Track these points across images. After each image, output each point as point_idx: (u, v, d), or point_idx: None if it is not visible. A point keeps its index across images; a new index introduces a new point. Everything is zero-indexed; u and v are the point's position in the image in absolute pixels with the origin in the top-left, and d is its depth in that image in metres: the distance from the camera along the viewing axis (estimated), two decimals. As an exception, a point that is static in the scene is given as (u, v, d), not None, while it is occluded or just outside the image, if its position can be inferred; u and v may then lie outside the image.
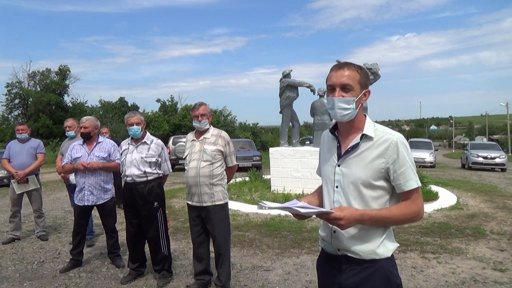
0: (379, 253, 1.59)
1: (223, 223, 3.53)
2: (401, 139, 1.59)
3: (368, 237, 1.60)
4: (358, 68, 1.63)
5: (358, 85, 1.61)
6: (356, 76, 1.60)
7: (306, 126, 40.61)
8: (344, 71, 1.61)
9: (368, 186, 1.59)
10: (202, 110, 3.49)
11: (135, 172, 3.73)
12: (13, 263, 4.51)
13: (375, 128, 1.64)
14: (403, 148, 1.57)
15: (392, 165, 1.56)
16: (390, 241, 1.64)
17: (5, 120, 33.69)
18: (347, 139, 1.67)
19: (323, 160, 1.79)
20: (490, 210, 7.40)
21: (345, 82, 1.59)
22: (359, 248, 1.59)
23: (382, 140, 1.59)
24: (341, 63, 1.65)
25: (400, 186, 1.57)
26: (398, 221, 1.59)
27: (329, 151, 1.74)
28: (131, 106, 42.62)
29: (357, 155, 1.61)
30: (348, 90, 1.60)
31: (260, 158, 15.96)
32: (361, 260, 1.60)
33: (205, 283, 3.67)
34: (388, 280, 1.60)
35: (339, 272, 1.66)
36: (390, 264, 1.63)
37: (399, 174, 1.56)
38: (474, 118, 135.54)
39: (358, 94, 1.60)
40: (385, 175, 1.58)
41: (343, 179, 1.63)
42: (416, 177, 1.59)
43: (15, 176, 5.27)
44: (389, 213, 1.54)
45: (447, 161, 27.93)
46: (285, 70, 9.57)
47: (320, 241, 1.81)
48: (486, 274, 4.03)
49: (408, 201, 1.58)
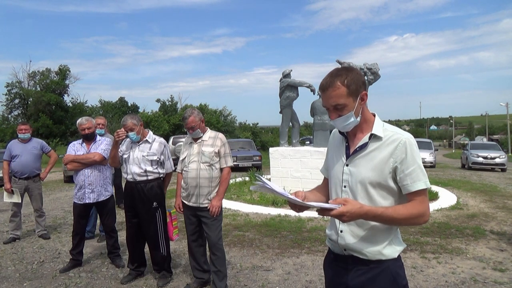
0: (386, 253, 1.59)
1: (218, 223, 3.57)
2: (410, 139, 1.57)
3: (374, 237, 1.59)
4: (344, 79, 1.54)
5: (350, 98, 1.55)
6: (343, 92, 1.54)
7: (306, 126, 40.60)
8: (329, 92, 1.56)
9: (376, 186, 1.57)
10: (190, 123, 3.49)
11: (136, 170, 3.73)
12: (13, 263, 4.51)
13: (384, 127, 1.61)
14: (412, 148, 1.55)
15: (400, 165, 1.54)
16: (397, 242, 1.63)
17: (5, 120, 33.64)
18: (356, 139, 1.66)
19: (331, 159, 1.77)
20: (490, 210, 7.40)
21: (335, 103, 1.56)
22: (366, 248, 1.59)
23: (391, 140, 1.57)
24: (326, 80, 1.58)
25: (406, 186, 1.54)
26: (403, 222, 1.55)
27: (337, 151, 1.73)
28: (131, 106, 42.60)
29: (365, 155, 1.60)
30: (341, 108, 1.56)
31: (260, 158, 15.98)
32: (367, 261, 1.59)
33: (204, 281, 3.68)
34: (394, 281, 1.59)
35: (346, 272, 1.65)
36: (396, 265, 1.62)
37: (406, 174, 1.53)
38: (474, 118, 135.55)
39: (354, 105, 1.57)
40: (393, 175, 1.56)
41: (351, 178, 1.62)
42: (425, 177, 1.55)
43: (41, 176, 5.61)
44: (395, 213, 1.50)
45: (447, 161, 27.92)
46: (285, 70, 9.57)
47: (327, 240, 1.80)
48: (486, 274, 4.03)
49: (414, 202, 1.54)
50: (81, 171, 4.20)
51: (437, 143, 45.24)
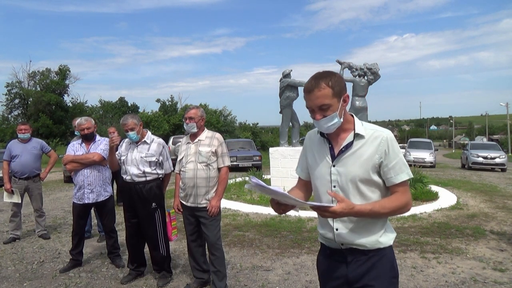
0: (383, 241, 1.68)
1: (217, 223, 3.57)
2: (390, 135, 1.68)
3: (370, 229, 1.67)
4: (329, 81, 1.61)
5: (335, 98, 1.62)
6: (328, 92, 1.60)
7: (306, 126, 40.60)
8: (315, 92, 1.61)
9: (366, 182, 1.65)
10: (191, 114, 3.53)
11: (134, 172, 3.73)
12: (13, 263, 4.51)
13: (364, 126, 1.70)
14: (392, 143, 1.65)
15: (384, 160, 1.64)
16: (390, 230, 1.74)
17: (5, 120, 33.64)
18: (339, 139, 1.72)
19: (312, 161, 1.82)
20: (490, 210, 7.40)
21: (320, 103, 1.61)
22: (364, 240, 1.67)
23: (373, 137, 1.66)
24: (310, 82, 1.63)
25: (390, 179, 1.64)
26: (389, 214, 1.66)
27: (319, 152, 1.78)
28: (131, 106, 42.61)
29: (352, 154, 1.67)
30: (326, 108, 1.62)
31: (260, 158, 15.97)
32: (366, 251, 1.67)
33: (204, 281, 3.68)
34: (392, 266, 1.70)
35: (345, 265, 1.71)
36: (392, 251, 1.73)
37: (390, 168, 1.64)
38: (474, 118, 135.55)
39: (337, 106, 1.63)
40: (377, 169, 1.66)
41: (341, 178, 1.68)
42: (407, 168, 1.67)
43: (41, 176, 5.61)
44: (381, 208, 1.61)
45: (447, 161, 27.92)
46: (285, 70, 9.57)
47: (320, 237, 1.84)
48: (486, 274, 4.03)
49: (398, 193, 1.65)
50: (81, 171, 4.20)
51: (437, 143, 45.23)
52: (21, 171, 5.39)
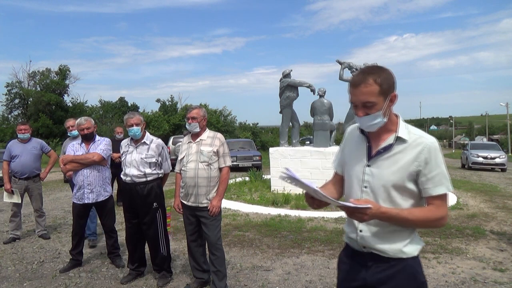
0: (406, 251, 1.59)
1: (217, 222, 3.56)
2: (435, 143, 1.56)
3: (395, 237, 1.59)
4: (377, 77, 1.52)
5: (381, 97, 1.52)
6: (375, 90, 1.51)
7: (306, 126, 40.54)
8: (361, 88, 1.53)
9: (399, 189, 1.57)
10: (193, 114, 3.54)
11: (134, 173, 3.73)
12: (13, 263, 4.51)
13: (408, 130, 1.60)
14: (436, 153, 1.54)
15: (423, 169, 1.53)
16: (417, 240, 1.64)
17: (5, 120, 33.64)
18: (379, 140, 1.63)
19: (349, 157, 1.75)
20: (490, 210, 7.40)
21: (365, 100, 1.53)
22: (387, 246, 1.59)
23: (416, 143, 1.56)
24: (358, 76, 1.55)
25: (427, 190, 1.54)
26: (419, 225, 1.57)
27: (357, 150, 1.70)
28: (131, 106, 42.56)
29: (389, 157, 1.59)
30: (370, 106, 1.53)
31: (260, 158, 15.97)
32: (388, 258, 1.60)
33: (204, 281, 3.68)
34: (414, 278, 1.61)
35: (365, 269, 1.66)
36: (416, 262, 1.63)
37: (429, 178, 1.53)
38: (474, 118, 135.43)
39: (383, 105, 1.54)
40: (414, 178, 1.56)
41: (373, 180, 1.61)
42: (447, 182, 1.55)
43: (41, 176, 5.62)
44: (410, 215, 1.52)
45: (447, 161, 27.86)
46: (285, 70, 9.57)
47: (345, 237, 1.79)
48: (486, 274, 4.03)
49: (432, 206, 1.55)
50: (80, 171, 4.19)
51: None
52: (21, 171, 5.39)
